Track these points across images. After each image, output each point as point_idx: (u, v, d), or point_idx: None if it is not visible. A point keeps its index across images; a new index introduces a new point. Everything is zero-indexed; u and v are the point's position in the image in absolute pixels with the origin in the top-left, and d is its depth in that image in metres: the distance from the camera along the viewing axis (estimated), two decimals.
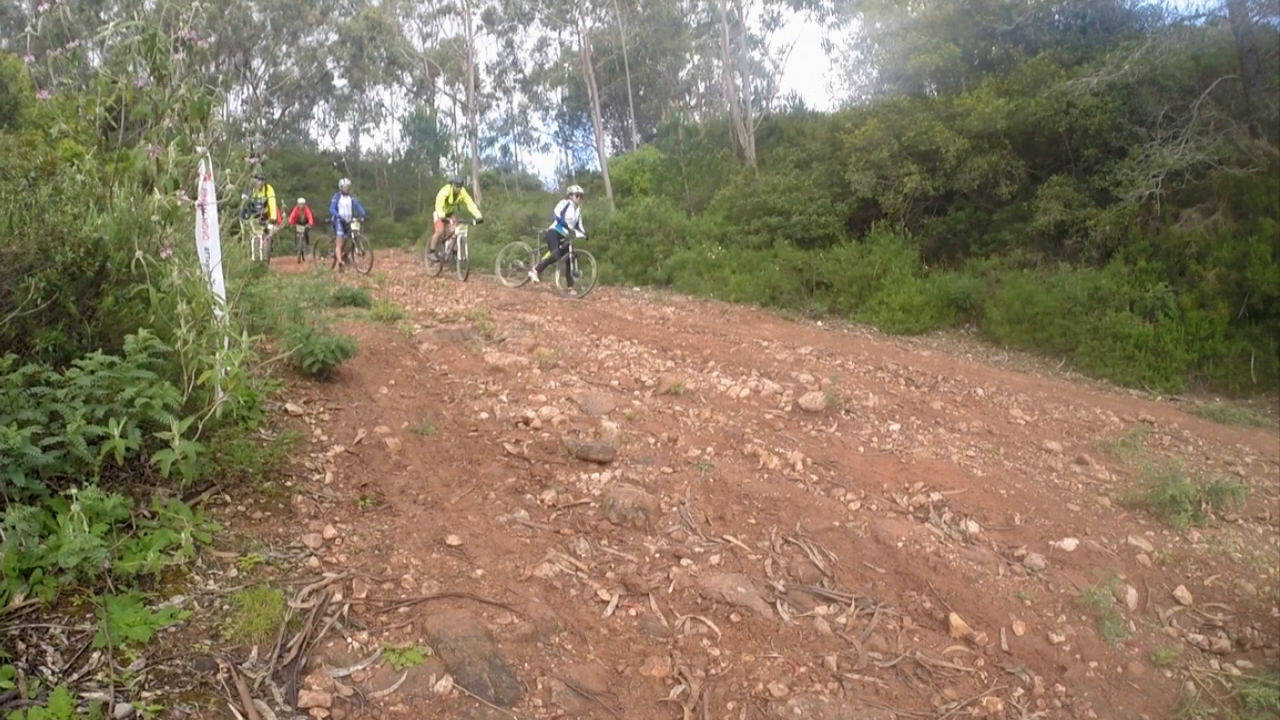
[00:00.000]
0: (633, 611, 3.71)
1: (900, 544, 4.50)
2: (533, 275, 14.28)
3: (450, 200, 15.27)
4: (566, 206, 13.91)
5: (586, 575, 3.96)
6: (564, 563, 4.01)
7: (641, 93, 34.19)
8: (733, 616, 3.76)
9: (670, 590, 3.92)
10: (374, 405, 5.92)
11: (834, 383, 7.30)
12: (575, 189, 14.45)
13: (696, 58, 33.46)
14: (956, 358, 11.31)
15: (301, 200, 19.84)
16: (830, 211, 16.00)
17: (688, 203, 20.53)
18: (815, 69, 59.15)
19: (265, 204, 15.66)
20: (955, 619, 3.93)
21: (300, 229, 19.13)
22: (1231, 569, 5.09)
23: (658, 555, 4.23)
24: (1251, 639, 4.49)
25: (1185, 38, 13.04)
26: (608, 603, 3.75)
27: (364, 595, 3.37)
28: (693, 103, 33.95)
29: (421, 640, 3.16)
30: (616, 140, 37.90)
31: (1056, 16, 15.82)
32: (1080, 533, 5.13)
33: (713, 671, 3.37)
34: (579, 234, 13.96)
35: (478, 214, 15.56)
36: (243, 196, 5.40)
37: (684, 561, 4.19)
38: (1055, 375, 10.64)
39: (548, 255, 14.13)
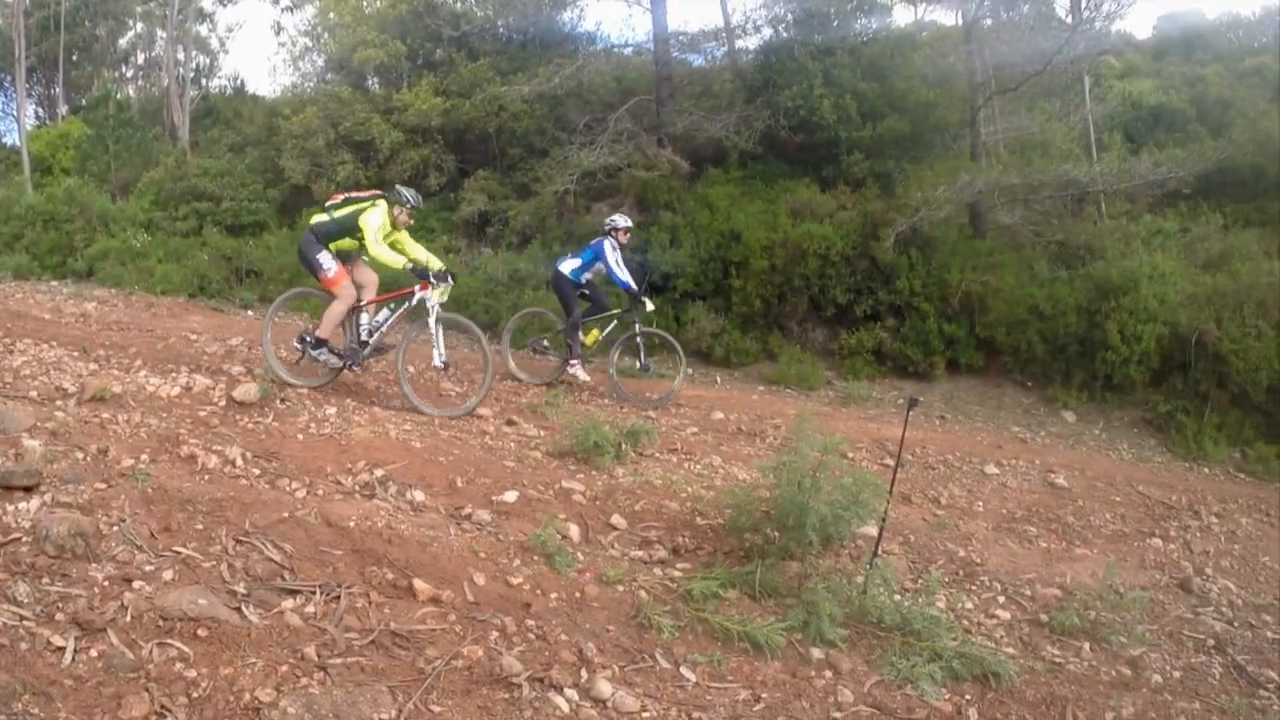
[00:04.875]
0: (94, 652, 3.23)
1: (352, 524, 4.53)
2: None
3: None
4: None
5: (34, 622, 3.35)
6: (6, 613, 3.35)
7: (75, 58, 29.91)
8: (200, 631, 3.44)
9: (129, 619, 3.45)
10: None
11: (266, 374, 7.16)
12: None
13: (140, 25, 30.24)
14: None
15: None
16: (262, 198, 15.73)
17: (114, 185, 18.38)
18: (263, 51, 57.30)
19: None
20: (419, 584, 4.07)
21: None
22: (655, 494, 6.04)
23: (107, 583, 3.68)
24: (684, 545, 5.41)
25: (613, 62, 15.08)
26: (64, 649, 3.22)
27: None
28: (129, 74, 30.53)
29: None
30: (40, 110, 32.66)
31: (502, 29, 16.98)
32: (519, 485, 5.64)
33: (195, 695, 3.09)
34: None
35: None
36: None
37: (136, 584, 3.70)
38: (482, 350, 11.31)
39: None
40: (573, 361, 9.40)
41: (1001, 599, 5.77)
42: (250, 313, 12.97)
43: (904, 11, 18.91)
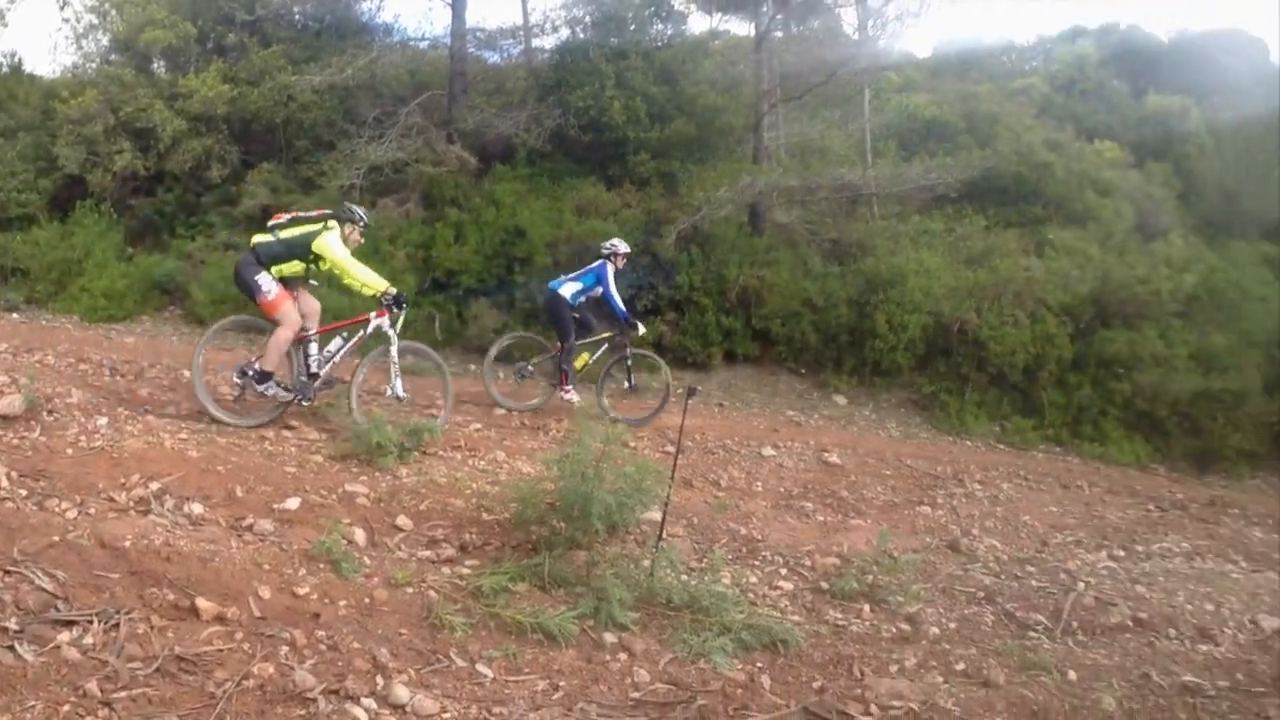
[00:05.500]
0: None
1: (128, 543, 4.22)
2: None
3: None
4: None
5: None
6: None
7: None
8: None
9: None
10: None
11: (33, 382, 6.50)
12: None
13: None
14: (162, 341, 11.25)
15: None
16: (33, 188, 14.37)
17: None
18: (46, 28, 52.77)
19: None
20: (202, 602, 3.86)
21: None
22: (441, 492, 6.03)
23: None
24: (472, 542, 5.38)
25: (408, 55, 14.85)
26: None
27: None
28: None
29: None
30: None
31: (298, 16, 16.44)
32: (301, 491, 5.45)
33: None
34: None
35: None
36: None
37: None
38: (261, 349, 11.01)
39: None
40: (566, 387, 9.22)
41: (784, 571, 6.08)
42: (16, 315, 12.03)
43: (699, 20, 19.58)
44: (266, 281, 6.87)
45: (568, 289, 9.32)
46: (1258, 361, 12.70)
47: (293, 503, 5.26)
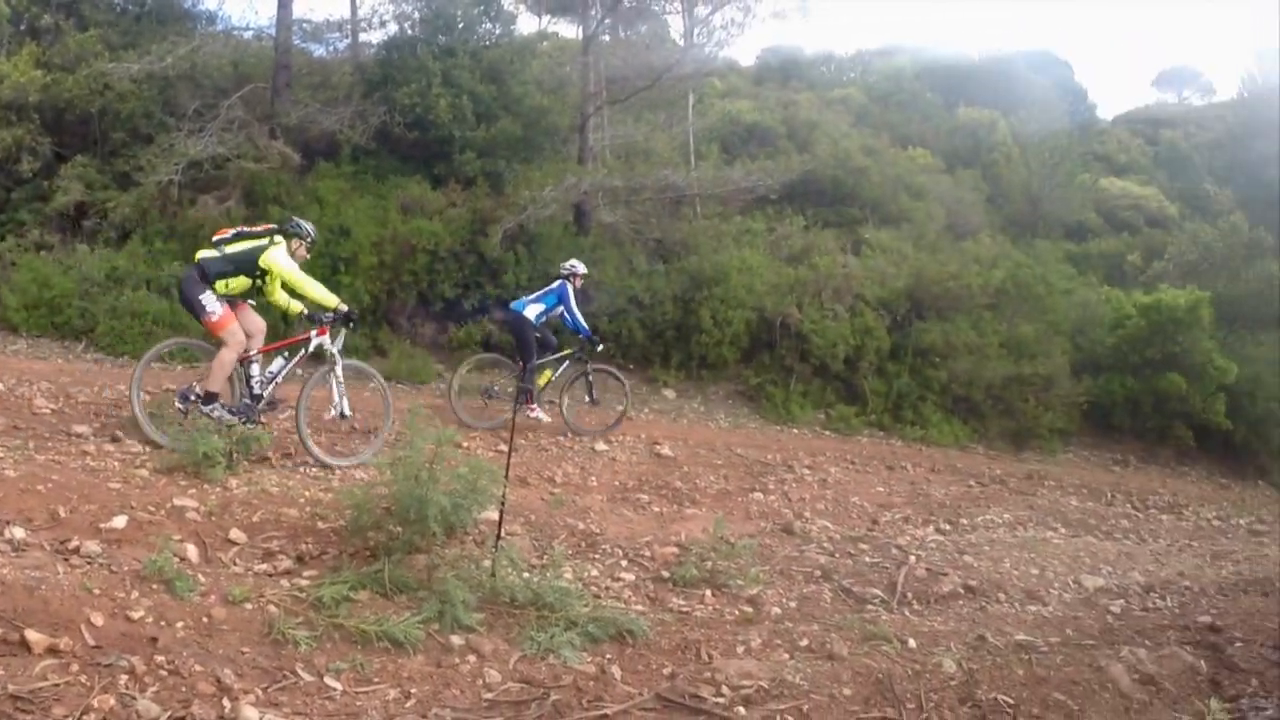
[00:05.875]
0: None
1: None
2: None
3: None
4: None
5: None
6: None
7: None
8: None
9: None
10: None
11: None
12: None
13: None
14: None
15: None
16: None
17: None
18: None
19: None
20: (32, 634, 3.58)
21: None
22: (273, 502, 5.86)
23: None
24: (309, 552, 5.20)
25: (231, 45, 14.35)
26: None
27: None
28: None
29: None
30: None
31: None
32: (128, 508, 5.17)
33: None
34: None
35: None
36: None
37: None
38: (77, 358, 10.60)
39: None
40: (532, 405, 9.49)
41: (624, 563, 6.17)
42: None
43: (528, 20, 19.85)
44: (211, 301, 6.75)
45: (531, 310, 9.61)
46: (1064, 348, 14.09)
47: (120, 521, 4.98)
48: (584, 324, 9.94)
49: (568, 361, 10.08)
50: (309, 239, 7.37)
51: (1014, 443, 13.24)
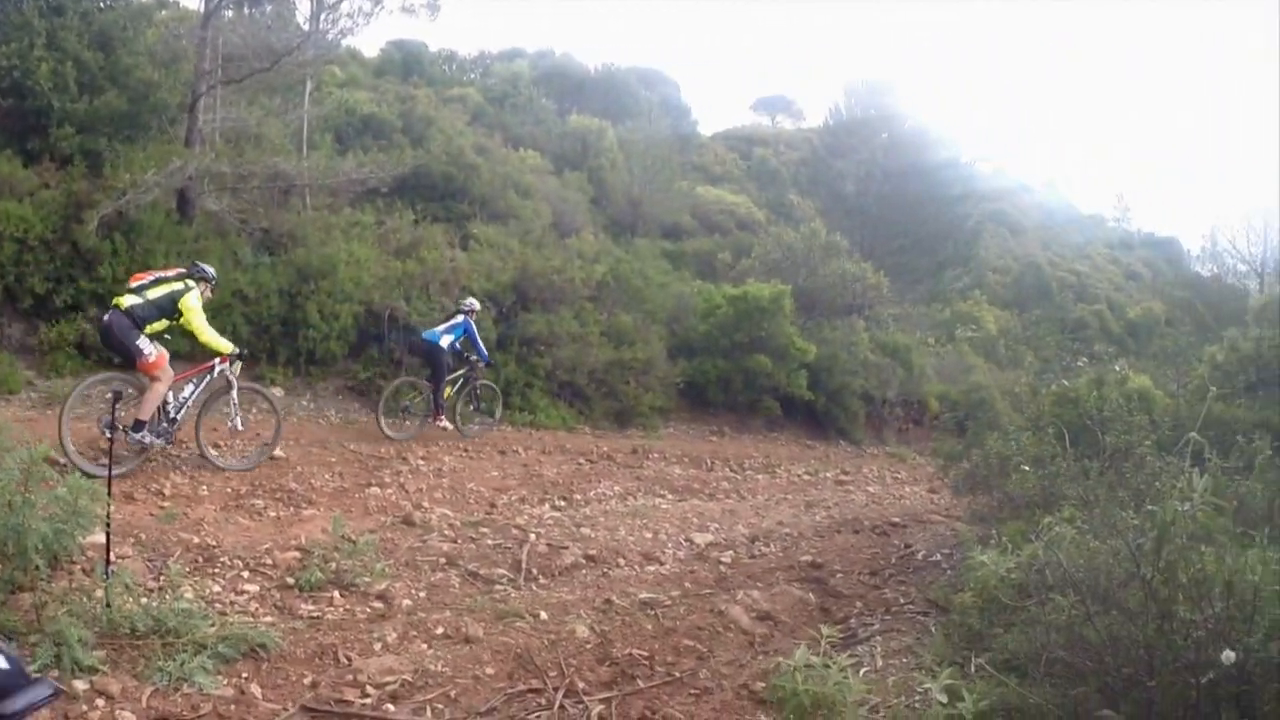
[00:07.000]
0: None
1: None
2: None
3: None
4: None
5: None
6: None
7: None
8: None
9: None
10: None
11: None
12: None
13: None
14: None
15: None
16: None
17: None
18: None
19: None
20: None
21: None
22: None
23: None
24: None
25: None
26: None
27: None
28: None
29: None
30: None
31: None
32: None
33: None
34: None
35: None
36: None
37: None
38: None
39: None
40: (441, 417, 11.80)
41: (246, 574, 6.03)
42: None
43: None
44: (147, 345, 7.78)
45: (446, 340, 11.85)
46: (661, 335, 16.32)
47: None
48: (485, 352, 12.49)
49: (462, 379, 12.41)
50: (213, 281, 8.68)
51: (618, 422, 14.72)
